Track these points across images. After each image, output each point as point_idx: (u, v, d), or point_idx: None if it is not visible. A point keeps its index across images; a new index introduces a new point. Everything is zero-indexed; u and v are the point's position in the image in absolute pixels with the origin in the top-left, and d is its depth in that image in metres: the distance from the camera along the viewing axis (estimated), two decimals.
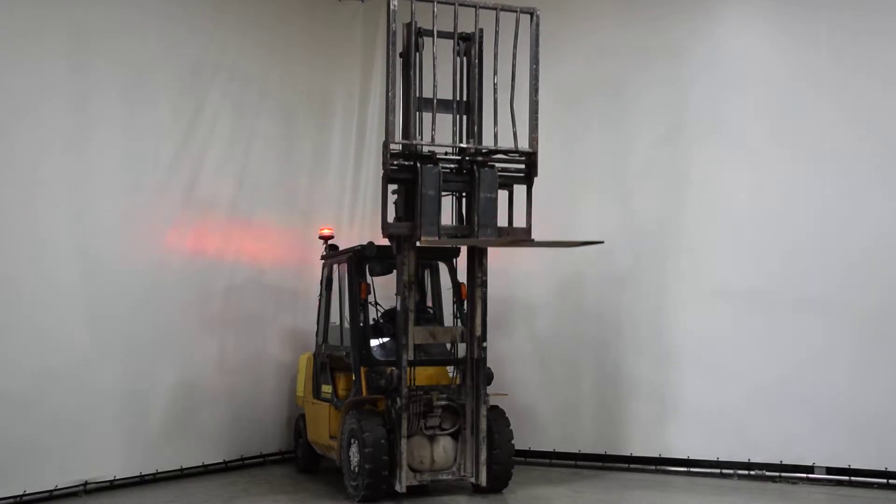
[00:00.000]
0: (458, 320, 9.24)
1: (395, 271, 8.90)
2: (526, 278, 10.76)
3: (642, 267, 10.33)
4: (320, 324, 10.18)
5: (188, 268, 10.04)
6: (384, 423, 8.61)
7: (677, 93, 10.27)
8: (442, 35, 8.53)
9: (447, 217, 8.74)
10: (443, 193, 8.46)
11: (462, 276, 9.32)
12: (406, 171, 8.45)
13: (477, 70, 8.67)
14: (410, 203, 8.48)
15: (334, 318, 10.02)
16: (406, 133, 8.50)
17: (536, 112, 8.64)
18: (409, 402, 8.54)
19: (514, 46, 8.54)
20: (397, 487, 8.51)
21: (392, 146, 8.25)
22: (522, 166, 8.76)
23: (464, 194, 8.75)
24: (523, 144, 8.62)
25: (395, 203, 8.70)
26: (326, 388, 9.75)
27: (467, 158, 8.63)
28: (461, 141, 8.65)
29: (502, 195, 8.70)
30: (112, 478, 9.25)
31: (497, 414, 9.01)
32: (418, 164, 8.40)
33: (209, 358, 10.29)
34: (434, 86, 8.45)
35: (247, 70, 10.76)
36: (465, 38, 8.71)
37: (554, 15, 9.61)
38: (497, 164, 8.65)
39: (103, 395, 9.16)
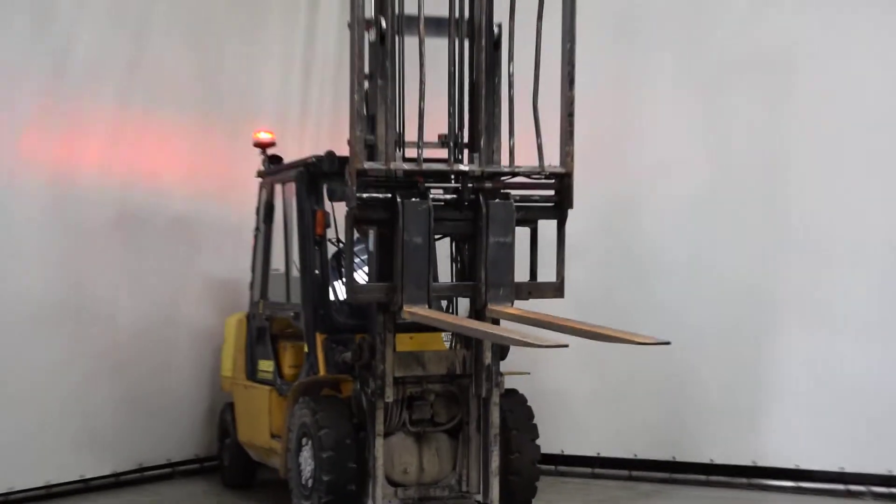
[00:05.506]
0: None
1: None
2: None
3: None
4: (257, 272, 9.06)
5: (54, 188, 8.57)
6: (351, 416, 7.47)
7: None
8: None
9: (442, 270, 7.54)
10: (435, 237, 7.17)
11: None
12: (381, 209, 6.98)
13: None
14: (388, 254, 7.03)
15: (277, 263, 8.90)
16: (381, 152, 7.05)
17: (572, 115, 7.06)
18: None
19: (539, 17, 6.92)
20: None
21: (358, 169, 6.84)
22: (551, 193, 7.26)
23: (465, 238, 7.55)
24: (552, 162, 7.07)
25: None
26: (266, 366, 8.71)
27: (470, 185, 7.18)
28: (461, 160, 7.26)
29: (522, 233, 7.24)
30: None
31: (515, 402, 7.88)
32: (398, 198, 6.94)
33: (90, 323, 8.79)
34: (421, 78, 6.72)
35: None
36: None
37: None
38: (514, 192, 7.22)
39: None
